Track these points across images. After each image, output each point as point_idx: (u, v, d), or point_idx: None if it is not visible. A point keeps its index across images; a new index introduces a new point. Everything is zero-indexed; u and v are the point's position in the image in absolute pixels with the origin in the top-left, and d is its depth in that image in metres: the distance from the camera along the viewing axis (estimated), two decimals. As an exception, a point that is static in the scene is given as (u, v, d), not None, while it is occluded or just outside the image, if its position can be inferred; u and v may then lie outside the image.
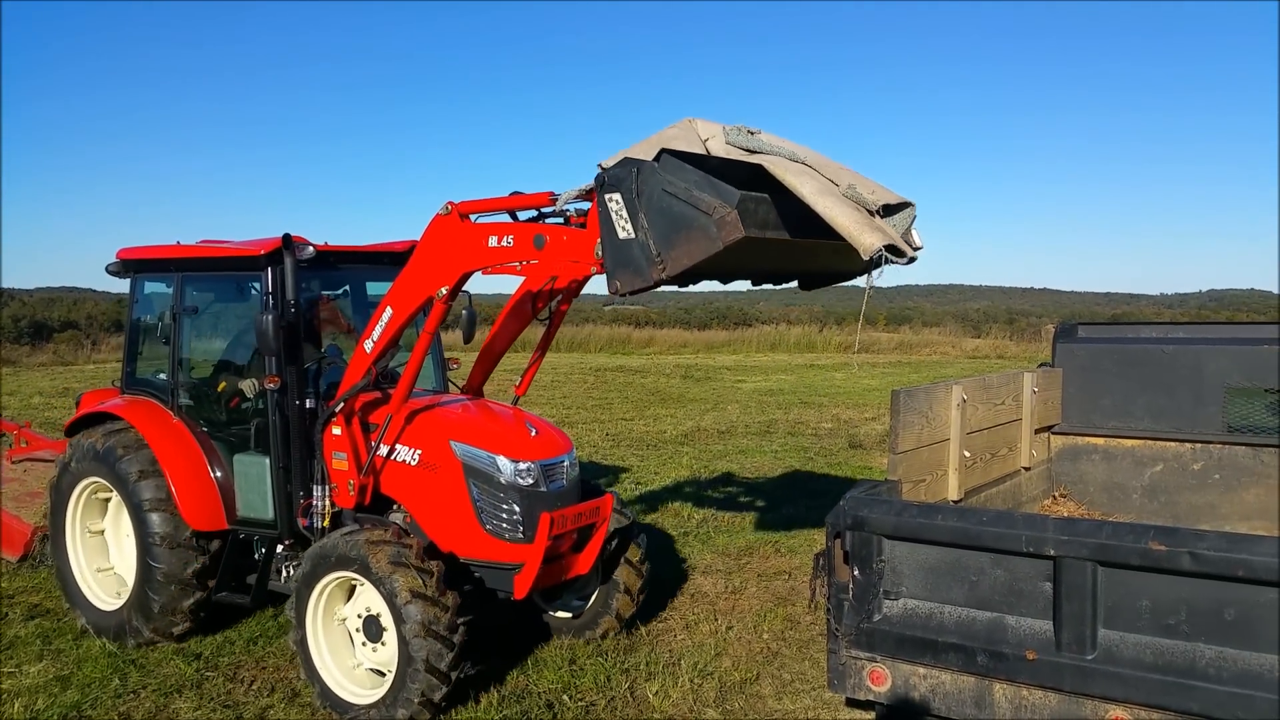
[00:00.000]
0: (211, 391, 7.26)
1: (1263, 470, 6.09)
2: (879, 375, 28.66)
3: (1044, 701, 3.91)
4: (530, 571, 6.01)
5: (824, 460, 14.49)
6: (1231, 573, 3.49)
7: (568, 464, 6.47)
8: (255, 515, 6.76)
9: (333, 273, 7.24)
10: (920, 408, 5.06)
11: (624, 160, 4.61)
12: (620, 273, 4.67)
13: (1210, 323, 6.82)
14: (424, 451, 6.31)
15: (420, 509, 6.39)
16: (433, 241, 5.70)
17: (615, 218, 4.60)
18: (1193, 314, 55.53)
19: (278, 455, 6.57)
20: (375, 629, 5.90)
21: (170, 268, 7.16)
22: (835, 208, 4.27)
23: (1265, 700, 3.44)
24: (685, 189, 4.35)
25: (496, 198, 5.50)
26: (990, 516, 4.15)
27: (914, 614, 4.23)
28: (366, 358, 6.15)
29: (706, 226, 4.28)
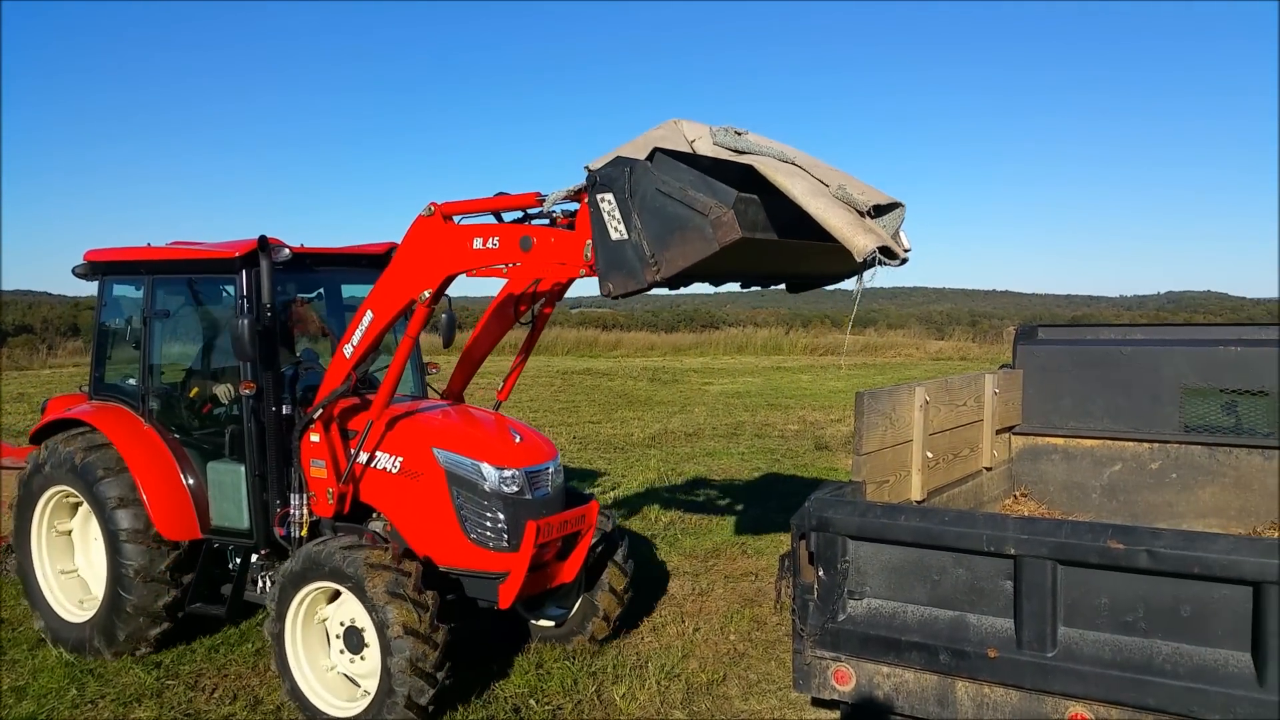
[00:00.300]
0: (183, 397, 7.11)
1: (1218, 469, 6.20)
2: (844, 377, 28.85)
3: (1005, 699, 3.95)
4: (515, 581, 5.91)
5: (790, 462, 14.57)
6: (1187, 570, 3.55)
7: (552, 470, 6.36)
8: (230, 524, 6.62)
9: (309, 275, 7.11)
10: (884, 409, 5.10)
11: (616, 159, 4.55)
12: (613, 275, 4.58)
13: (1167, 324, 6.93)
14: (405, 459, 6.17)
15: (401, 517, 6.25)
16: (415, 243, 5.59)
17: (608, 218, 4.53)
18: (1151, 316, 56.43)
19: (253, 463, 6.44)
20: (357, 642, 5.80)
21: (141, 270, 6.99)
22: (827, 209, 4.23)
23: (1220, 695, 3.51)
24: (680, 189, 4.30)
25: (481, 199, 5.41)
26: (952, 516, 4.20)
27: (878, 613, 4.27)
28: (346, 363, 6.03)
29: (702, 227, 4.22)
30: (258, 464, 6.44)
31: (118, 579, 6.57)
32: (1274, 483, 6.04)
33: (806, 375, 29.94)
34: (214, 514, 6.69)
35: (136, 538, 6.53)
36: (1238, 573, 3.46)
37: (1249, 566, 3.43)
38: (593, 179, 4.57)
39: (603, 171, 4.54)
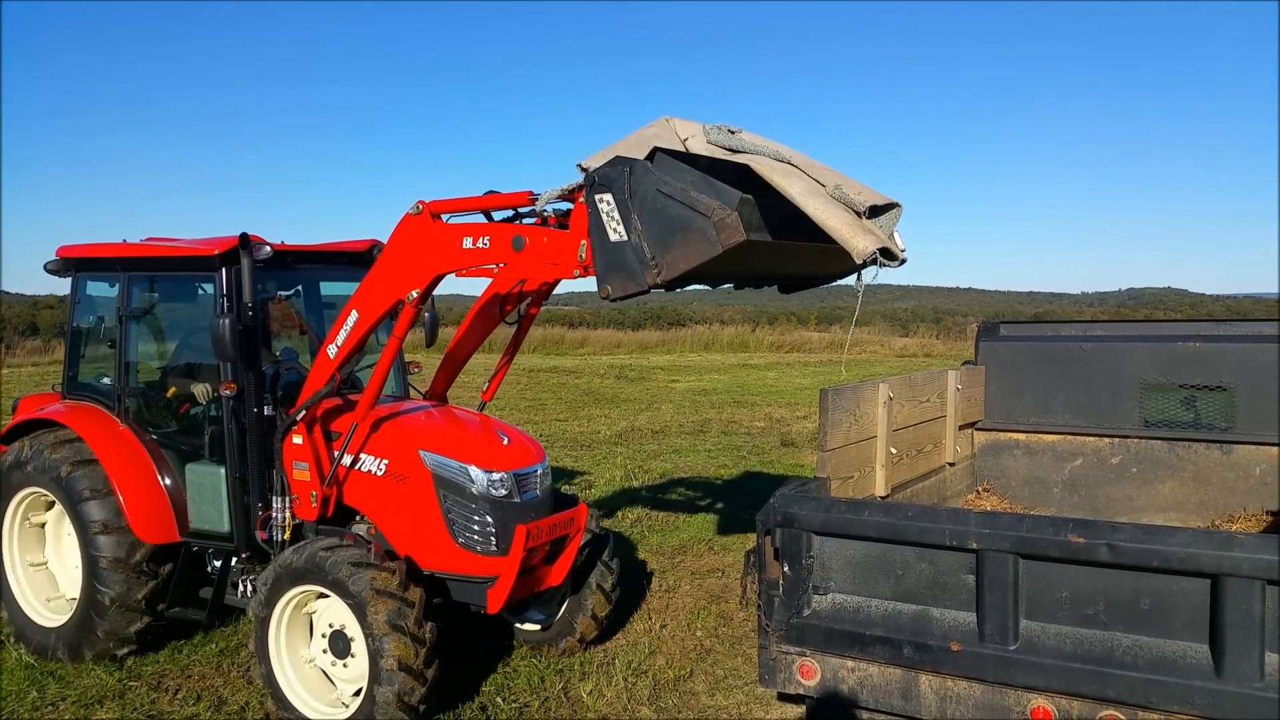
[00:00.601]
0: (161, 397, 6.95)
1: (1178, 464, 6.29)
2: (810, 374, 29.00)
3: (969, 692, 3.98)
4: (505, 585, 5.81)
5: (757, 459, 14.61)
6: (1147, 563, 3.60)
7: (541, 473, 6.28)
8: (210, 528, 6.48)
9: (289, 273, 6.97)
10: (848, 406, 5.12)
11: (615, 159, 4.44)
12: (612, 277, 4.48)
13: (1127, 321, 7.03)
14: (391, 461, 6.06)
15: (386, 521, 6.13)
16: (402, 242, 5.49)
17: (606, 219, 4.43)
18: (1112, 312, 57.25)
19: (234, 465, 6.31)
20: (343, 646, 5.70)
21: (116, 267, 6.82)
22: (825, 210, 4.17)
23: (1179, 686, 3.55)
24: (682, 189, 4.20)
25: (470, 197, 5.32)
26: (915, 511, 4.22)
27: (842, 608, 4.28)
28: (330, 363, 5.90)
29: (705, 229, 4.13)
30: (238, 466, 6.31)
31: (91, 561, 6.43)
32: (1232, 476, 6.14)
33: (773, 372, 30.05)
34: (193, 516, 6.56)
35: (110, 536, 6.40)
36: (1196, 566, 3.51)
37: (1206, 559, 3.48)
38: (591, 179, 4.46)
39: (601, 171, 4.44)
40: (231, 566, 6.58)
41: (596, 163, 4.63)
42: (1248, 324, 6.33)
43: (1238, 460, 6.12)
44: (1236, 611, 3.45)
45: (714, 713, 6.13)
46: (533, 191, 5.06)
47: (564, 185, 4.85)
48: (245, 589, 6.48)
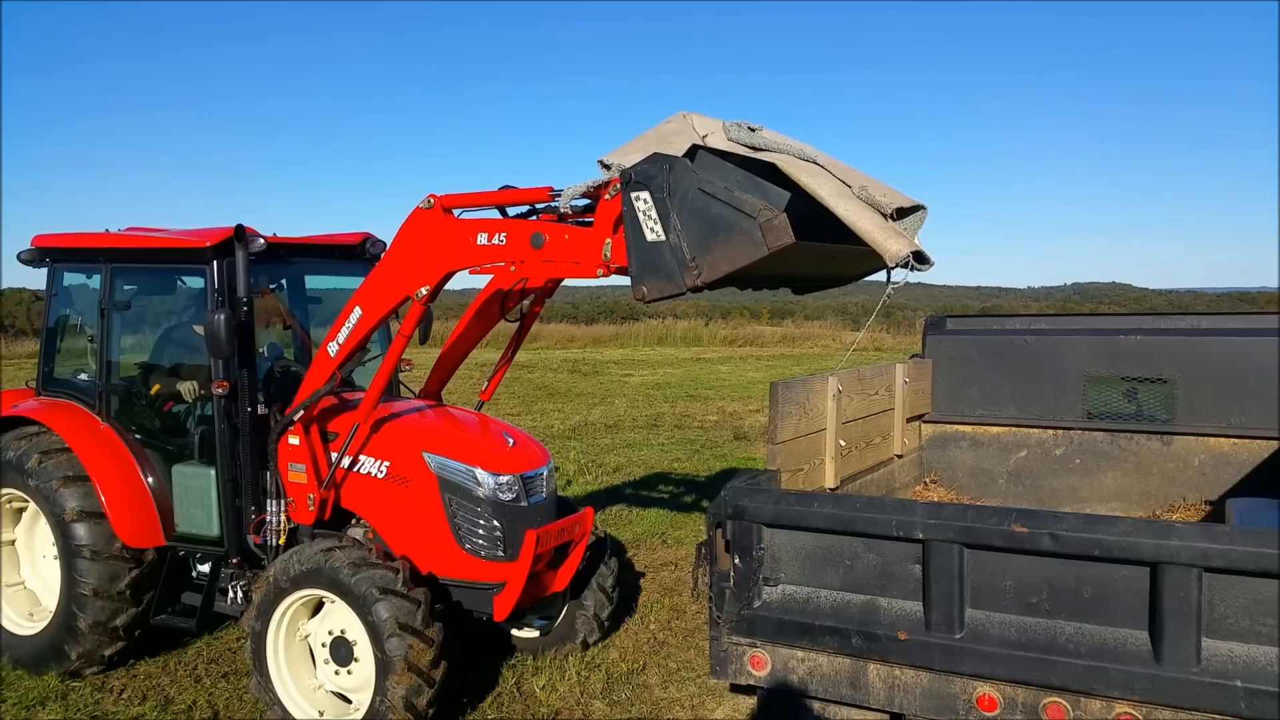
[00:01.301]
0: (143, 395, 6.69)
1: (1120, 455, 6.41)
2: (763, 368, 29.18)
3: (916, 681, 4.03)
4: (513, 591, 5.68)
5: (710, 452, 14.68)
6: (1089, 552, 3.65)
7: (547, 475, 6.17)
8: (198, 531, 6.24)
9: (279, 266, 6.73)
10: (798, 399, 5.15)
11: (654, 156, 4.29)
12: (647, 278, 4.32)
13: (1071, 314, 7.14)
14: (393, 463, 5.90)
15: (387, 525, 5.96)
16: (412, 237, 5.31)
17: (643, 218, 4.26)
18: (1058, 306, 58.25)
19: (225, 466, 6.08)
20: (344, 653, 5.55)
21: (99, 258, 6.52)
22: (855, 211, 4.07)
23: (1120, 672, 3.61)
24: (725, 189, 4.09)
25: (485, 192, 5.18)
26: (862, 503, 4.26)
27: (792, 599, 4.31)
28: (330, 361, 5.70)
29: (750, 230, 3.99)
30: (230, 467, 6.08)
31: (71, 568, 6.18)
32: (1173, 467, 6.28)
33: (726, 366, 30.19)
34: (180, 520, 6.31)
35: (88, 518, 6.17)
36: (1136, 554, 3.57)
37: (1146, 548, 3.54)
38: (627, 176, 4.30)
39: (638, 168, 4.27)
40: (221, 572, 6.34)
41: (618, 159, 4.50)
42: (1188, 317, 6.47)
43: (1178, 451, 6.25)
44: (1174, 599, 3.51)
45: (667, 705, 6.15)
46: (553, 187, 4.91)
47: (587, 181, 4.70)
48: (236, 595, 6.25)
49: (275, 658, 5.62)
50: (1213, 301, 53.08)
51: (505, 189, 5.17)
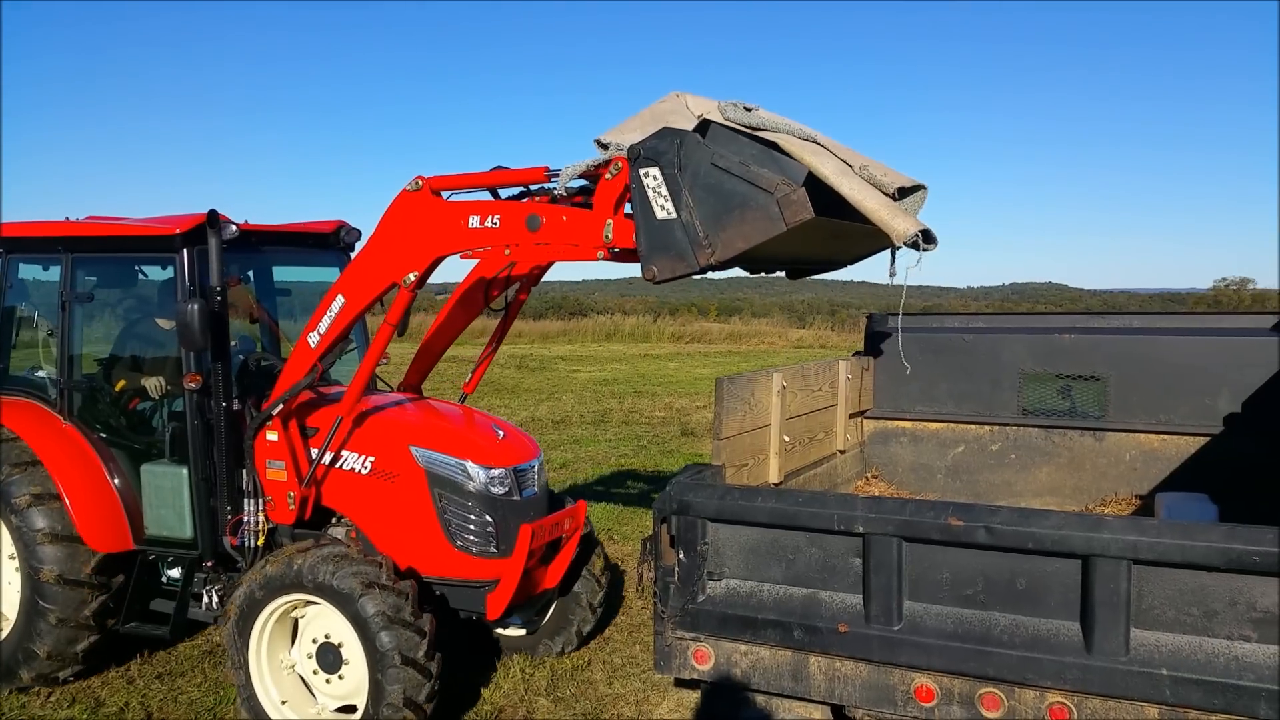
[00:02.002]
0: (108, 392, 6.41)
1: (1054, 450, 6.57)
2: (710, 365, 29.31)
3: (856, 672, 4.09)
4: (508, 589, 5.52)
5: (657, 448, 14.73)
6: (1022, 545, 3.73)
7: (538, 468, 6.02)
8: (170, 534, 6.00)
9: (250, 255, 6.50)
10: (743, 395, 5.20)
11: (663, 130, 4.16)
12: (658, 258, 4.21)
13: (1007, 313, 7.30)
14: (379, 458, 5.70)
15: (372, 523, 5.75)
16: (399, 221, 5.10)
17: (653, 195, 4.14)
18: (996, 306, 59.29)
19: (198, 465, 5.85)
20: (332, 659, 5.36)
21: (58, 248, 6.21)
22: (860, 191, 3.98)
23: (1052, 662, 3.70)
24: (740, 163, 3.95)
25: (476, 173, 5.03)
26: (805, 497, 4.31)
27: (735, 593, 4.35)
28: (311, 353, 5.49)
29: (767, 205, 3.89)
30: (203, 466, 5.85)
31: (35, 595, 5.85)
32: (1105, 462, 6.45)
33: (673, 362, 30.28)
34: (149, 522, 6.06)
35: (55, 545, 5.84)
36: (1068, 547, 3.65)
37: (1077, 541, 3.63)
38: (635, 152, 4.17)
39: (647, 144, 4.14)
40: (194, 576, 6.10)
41: (616, 138, 4.41)
42: (1120, 317, 6.64)
43: (1110, 447, 6.42)
44: (1105, 590, 3.60)
45: (611, 701, 6.17)
46: (549, 167, 4.78)
47: (586, 160, 4.56)
48: (211, 600, 6.01)
49: (260, 676, 5.42)
50: (1144, 302, 54.42)
51: (497, 170, 5.02)
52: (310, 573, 5.19)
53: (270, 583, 5.31)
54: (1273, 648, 3.43)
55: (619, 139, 4.44)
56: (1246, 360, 6.03)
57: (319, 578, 5.17)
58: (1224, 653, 3.49)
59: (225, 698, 6.07)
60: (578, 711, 6.03)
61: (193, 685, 6.31)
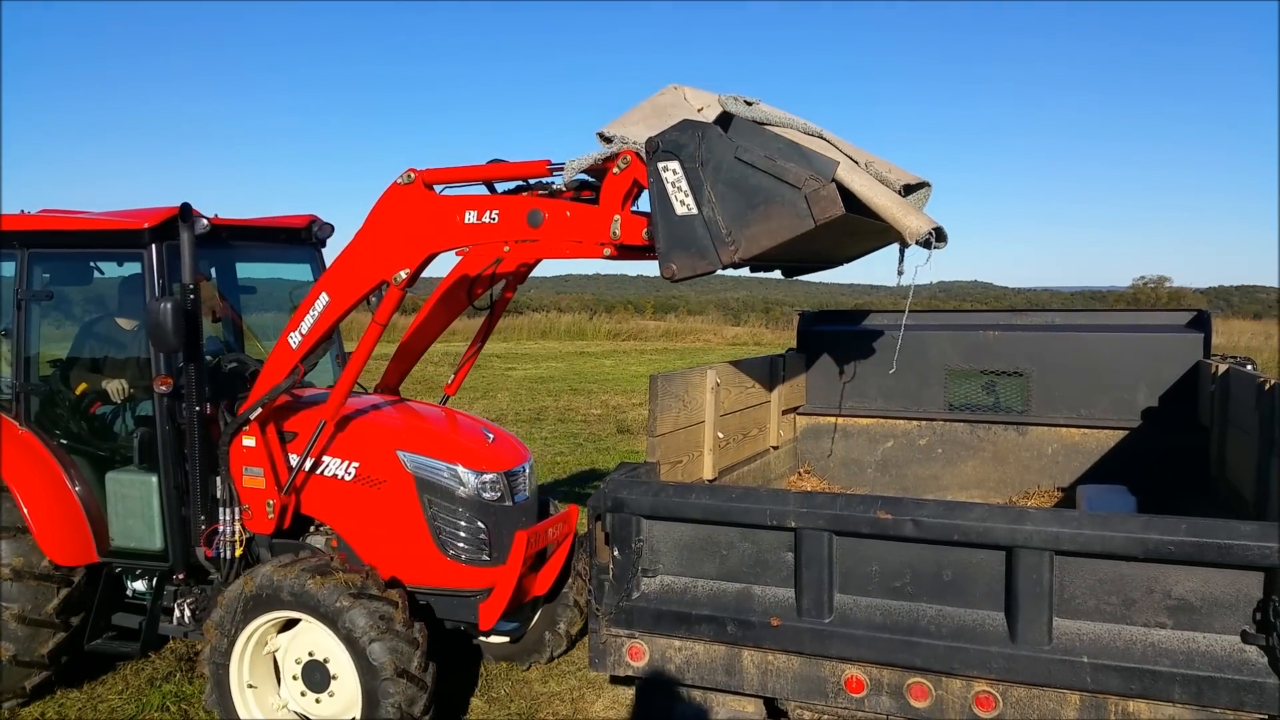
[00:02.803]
0: (69, 396, 6.10)
1: (979, 444, 6.72)
2: (646, 362, 29.37)
3: (788, 665, 4.13)
4: (501, 598, 5.34)
5: (593, 446, 14.72)
6: (948, 537, 3.80)
7: (529, 472, 5.86)
8: (138, 545, 5.73)
9: (218, 251, 6.21)
10: (677, 392, 5.22)
11: (684, 123, 4.03)
12: (677, 255, 4.05)
13: (936, 311, 7.44)
14: (363, 464, 5.48)
15: (357, 531, 5.52)
16: (389, 216, 4.89)
17: (672, 190, 3.99)
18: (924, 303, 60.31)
19: (169, 472, 5.58)
20: (320, 678, 5.14)
21: (13, 243, 5.88)
22: (871, 188, 3.90)
23: (978, 652, 3.77)
24: (766, 157, 3.82)
25: (472, 166, 4.84)
26: (738, 493, 4.34)
27: (670, 589, 4.37)
28: (292, 354, 5.24)
29: (795, 202, 3.76)
30: (175, 473, 5.59)
31: None
32: (1028, 456, 6.61)
33: (610, 360, 30.28)
34: (116, 533, 5.79)
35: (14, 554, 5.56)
36: (992, 539, 3.72)
37: (1001, 533, 3.70)
38: (654, 144, 4.02)
39: (666, 137, 4.00)
40: (165, 589, 5.83)
41: (618, 130, 4.30)
42: (1043, 314, 6.81)
43: (1032, 441, 6.59)
44: (1028, 580, 3.68)
45: (546, 700, 6.16)
46: (550, 160, 4.62)
47: (593, 153, 4.40)
48: (183, 614, 5.74)
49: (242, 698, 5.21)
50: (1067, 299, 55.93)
51: (494, 163, 4.86)
52: (293, 586, 4.98)
53: (249, 600, 5.08)
54: (1187, 634, 3.55)
55: (622, 132, 4.33)
56: (1163, 356, 6.22)
57: (301, 591, 4.96)
58: (1141, 640, 3.59)
59: (148, 704, 5.94)
60: (512, 711, 6.01)
61: (113, 693, 6.16)
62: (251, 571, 5.21)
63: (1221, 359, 5.81)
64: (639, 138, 4.25)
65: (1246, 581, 3.44)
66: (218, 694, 5.19)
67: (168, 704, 5.99)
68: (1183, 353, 6.18)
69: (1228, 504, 5.14)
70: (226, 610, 5.14)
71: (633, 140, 4.29)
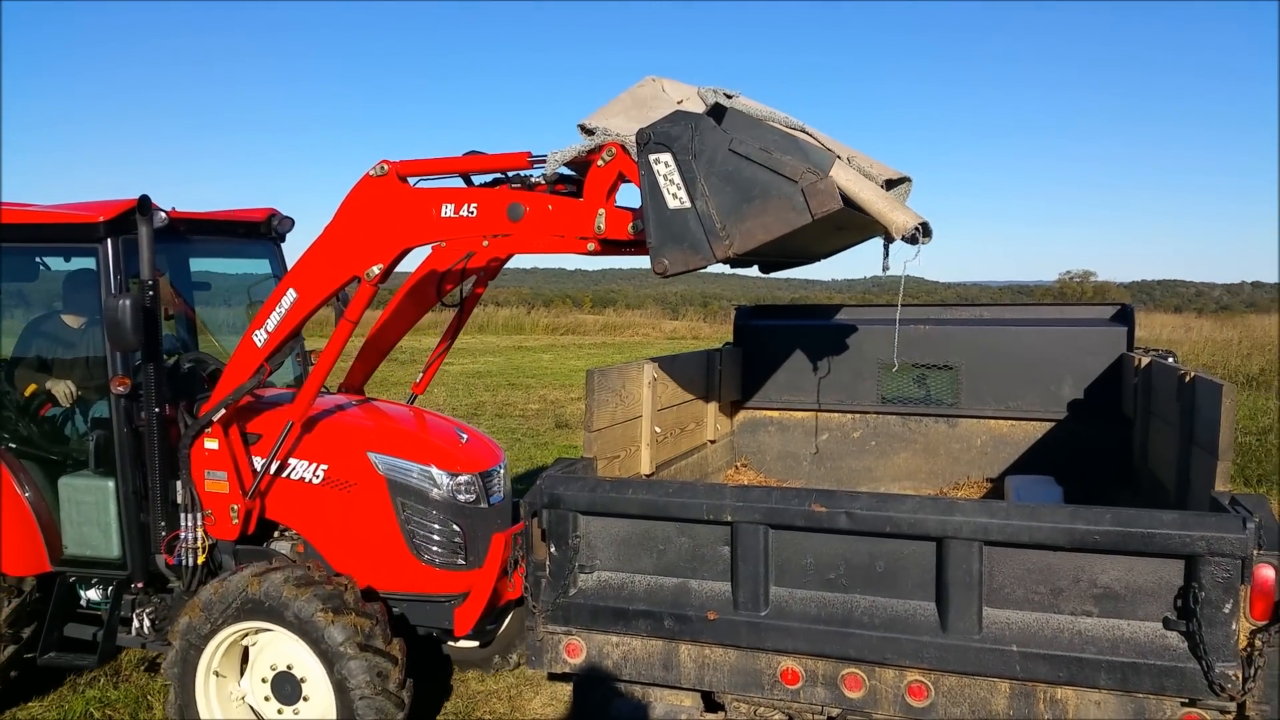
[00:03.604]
0: (16, 397, 5.82)
1: (910, 436, 6.82)
2: (585, 356, 29.32)
3: (724, 659, 4.15)
4: (478, 603, 5.17)
5: (531, 441, 14.64)
6: (880, 529, 3.84)
7: (504, 473, 5.71)
8: (94, 553, 5.48)
9: (178, 245, 5.97)
10: (613, 387, 5.21)
11: (676, 114, 3.95)
12: (669, 249, 3.96)
13: (869, 305, 7.52)
14: (332, 466, 5.30)
15: (325, 536, 5.35)
16: (361, 209, 4.74)
17: (664, 183, 3.90)
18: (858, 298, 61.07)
19: (127, 477, 5.34)
20: (290, 690, 4.96)
21: None
22: (856, 182, 3.85)
23: (910, 642, 3.82)
24: (761, 150, 3.75)
25: (448, 158, 4.70)
26: (675, 488, 4.34)
27: (607, 585, 4.36)
28: (257, 353, 5.05)
29: (791, 195, 3.70)
30: (133, 478, 5.35)
31: None
32: (958, 447, 6.73)
33: (548, 354, 30.17)
34: (70, 541, 5.54)
35: None
36: (923, 530, 3.78)
37: (932, 524, 3.76)
38: (645, 136, 3.93)
39: (658, 128, 3.91)
40: (123, 599, 5.59)
41: (600, 122, 4.21)
42: (972, 308, 6.93)
43: (962, 433, 6.71)
44: (958, 571, 3.74)
45: (484, 698, 6.11)
46: (531, 152, 4.50)
47: (576, 145, 4.29)
48: (142, 625, 5.52)
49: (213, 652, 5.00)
50: (996, 294, 57.08)
51: (471, 155, 4.73)
52: (269, 597, 4.82)
53: (220, 609, 4.91)
54: (1112, 621, 3.64)
55: (604, 124, 4.25)
56: (1088, 349, 6.37)
57: (278, 603, 4.80)
58: (1069, 628, 3.68)
59: (71, 712, 5.77)
60: (449, 710, 5.95)
61: (35, 699, 5.97)
62: (219, 582, 5.01)
63: (1144, 352, 5.96)
64: (622, 129, 4.19)
65: (1168, 569, 3.54)
66: (180, 670, 5.00)
67: (91, 710, 5.82)
68: (1107, 346, 6.33)
69: (1150, 493, 5.28)
70: (221, 600, 4.93)
71: (616, 132, 4.22)
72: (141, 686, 6.12)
